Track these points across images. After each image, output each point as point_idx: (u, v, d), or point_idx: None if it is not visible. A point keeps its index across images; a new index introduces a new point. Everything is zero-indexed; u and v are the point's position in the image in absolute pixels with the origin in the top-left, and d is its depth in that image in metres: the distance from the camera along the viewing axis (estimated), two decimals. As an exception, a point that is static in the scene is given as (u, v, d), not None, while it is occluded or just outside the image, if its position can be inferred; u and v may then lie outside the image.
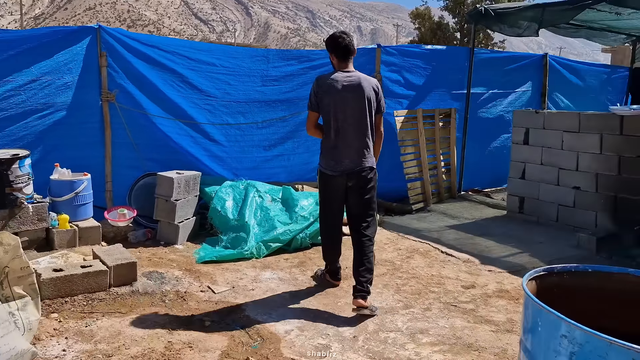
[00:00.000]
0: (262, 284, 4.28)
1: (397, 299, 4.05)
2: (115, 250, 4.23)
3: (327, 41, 3.90)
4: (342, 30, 4.07)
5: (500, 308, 3.93)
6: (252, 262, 4.79)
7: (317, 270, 4.43)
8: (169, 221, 5.15)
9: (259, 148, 6.29)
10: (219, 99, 6.00)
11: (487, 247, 5.36)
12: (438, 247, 5.32)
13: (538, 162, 6.22)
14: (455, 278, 4.52)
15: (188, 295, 4.00)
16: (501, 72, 7.92)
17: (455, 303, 4.00)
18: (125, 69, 5.49)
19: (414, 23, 43.80)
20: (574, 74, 8.64)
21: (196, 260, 4.76)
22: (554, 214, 6.07)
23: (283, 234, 5.06)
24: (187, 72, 5.81)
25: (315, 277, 4.39)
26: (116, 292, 3.90)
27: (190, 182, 5.32)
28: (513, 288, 4.31)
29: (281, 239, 5.03)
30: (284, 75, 6.35)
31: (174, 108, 5.77)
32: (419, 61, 7.06)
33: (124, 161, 5.60)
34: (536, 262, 4.94)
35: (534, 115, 6.24)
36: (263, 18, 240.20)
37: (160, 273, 4.36)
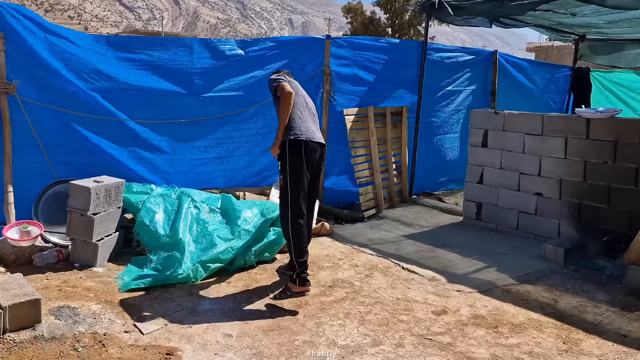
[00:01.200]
0: (201, 318, 3.56)
1: (363, 332, 3.46)
2: (12, 282, 3.36)
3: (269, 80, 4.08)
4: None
5: (479, 340, 3.43)
6: (188, 287, 4.05)
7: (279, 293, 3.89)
8: (86, 239, 4.28)
9: (194, 149, 5.50)
10: (144, 92, 5.15)
11: (451, 261, 4.89)
12: (398, 262, 4.79)
13: (497, 166, 5.84)
14: (424, 302, 3.99)
15: (108, 338, 3.22)
16: (451, 68, 7.52)
17: (430, 335, 3.46)
18: (29, 55, 4.57)
19: (346, 17, 43.76)
20: (521, 73, 8.41)
21: (119, 287, 3.95)
22: (514, 222, 5.72)
23: (224, 252, 4.33)
24: (102, 63, 4.92)
25: (282, 295, 3.85)
26: (12, 340, 3.06)
27: (111, 192, 4.47)
28: (488, 313, 3.84)
29: (222, 259, 4.31)
30: (220, 66, 5.56)
31: (89, 102, 4.88)
32: (370, 55, 6.49)
33: (28, 166, 4.66)
34: (505, 277, 4.53)
35: (494, 116, 5.84)
36: (192, 7, 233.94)
37: (72, 308, 3.53)
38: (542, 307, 3.98)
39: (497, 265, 4.79)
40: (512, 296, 4.16)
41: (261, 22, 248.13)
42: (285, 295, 3.83)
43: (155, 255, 4.38)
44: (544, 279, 4.55)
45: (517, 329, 3.61)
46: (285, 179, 3.84)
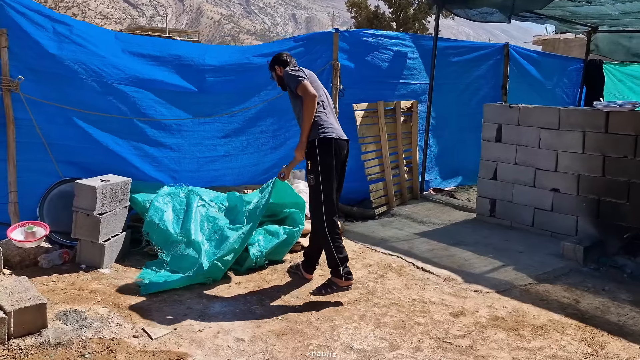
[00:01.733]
0: (211, 322, 3.44)
1: (379, 336, 3.34)
2: (17, 286, 3.25)
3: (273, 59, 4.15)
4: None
5: (501, 343, 3.30)
6: (197, 289, 3.93)
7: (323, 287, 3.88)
8: (92, 240, 4.17)
9: (202, 147, 5.37)
10: (151, 89, 5.02)
11: (466, 259, 4.76)
12: (412, 261, 4.66)
13: (512, 162, 5.69)
14: (441, 303, 3.86)
15: (116, 343, 3.11)
16: (462, 62, 7.37)
17: (449, 339, 3.34)
18: (33, 51, 4.43)
19: (350, 12, 43.49)
20: (533, 65, 8.25)
21: (140, 291, 3.83)
22: (530, 218, 5.57)
23: (237, 241, 4.18)
24: (111, 58, 4.80)
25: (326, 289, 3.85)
26: (18, 346, 2.95)
27: (118, 191, 4.36)
28: (508, 314, 3.71)
29: (236, 248, 4.15)
30: (230, 66, 5.43)
31: (95, 100, 4.75)
32: (380, 49, 6.35)
33: (32, 165, 4.54)
34: (523, 277, 4.39)
35: (508, 109, 5.69)
36: (195, 3, 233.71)
37: (79, 312, 3.42)
38: (563, 307, 3.85)
39: (514, 264, 4.66)
40: (532, 296, 4.03)
41: (265, 17, 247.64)
42: (332, 290, 3.83)
43: (167, 256, 4.27)
44: (563, 277, 4.41)
45: (539, 331, 3.48)
46: (316, 178, 3.79)
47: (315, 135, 3.81)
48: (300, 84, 3.79)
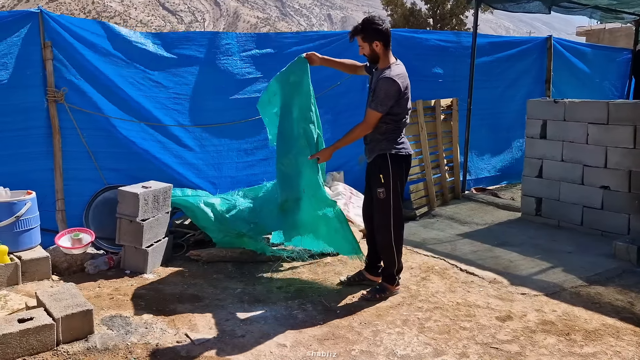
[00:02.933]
0: (253, 327, 3.44)
1: (423, 341, 3.26)
2: (65, 292, 3.33)
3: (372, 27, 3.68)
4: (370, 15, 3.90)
5: (551, 349, 3.17)
6: (238, 294, 3.94)
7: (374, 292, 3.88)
8: (136, 246, 4.25)
9: (240, 152, 5.41)
10: (189, 96, 5.08)
11: (512, 261, 4.61)
12: (455, 263, 4.55)
13: (558, 159, 5.49)
14: (486, 306, 3.75)
15: (160, 349, 3.14)
16: (503, 58, 7.18)
17: (496, 344, 3.23)
18: (76, 62, 4.57)
19: (386, 10, 43.14)
20: (579, 58, 7.95)
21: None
22: (578, 217, 5.36)
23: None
24: (150, 67, 4.88)
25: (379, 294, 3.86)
26: (66, 352, 3.02)
27: (159, 197, 4.42)
28: (558, 318, 3.57)
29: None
30: (265, 65, 5.45)
31: (136, 108, 4.86)
32: (417, 47, 6.25)
33: (78, 173, 4.67)
34: (573, 279, 4.22)
35: (553, 105, 5.50)
36: (232, 7, 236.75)
37: (124, 317, 3.48)
38: (617, 311, 3.67)
39: (563, 265, 4.49)
40: (583, 299, 3.86)
41: (300, 19, 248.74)
42: (384, 295, 3.85)
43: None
44: (616, 279, 4.22)
45: (592, 336, 3.33)
46: (387, 192, 3.78)
47: (393, 150, 3.76)
48: (379, 112, 3.65)
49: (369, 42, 3.68)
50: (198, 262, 4.57)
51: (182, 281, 4.18)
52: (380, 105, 3.67)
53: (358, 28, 3.72)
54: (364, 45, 3.71)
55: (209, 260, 4.55)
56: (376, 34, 3.65)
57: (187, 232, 4.87)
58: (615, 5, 7.19)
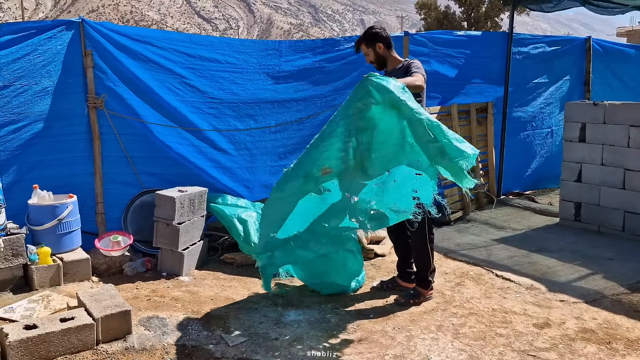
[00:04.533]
0: (286, 330, 3.45)
1: (458, 347, 3.22)
2: (104, 293, 3.42)
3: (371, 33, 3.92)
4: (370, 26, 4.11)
5: (591, 357, 3.09)
6: (272, 297, 3.97)
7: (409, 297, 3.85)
8: (172, 248, 4.33)
9: (273, 156, 5.45)
10: (225, 100, 5.17)
11: (550, 267, 4.51)
12: (491, 269, 4.48)
13: (598, 163, 5.35)
14: (523, 313, 3.67)
15: (196, 350, 3.19)
16: (540, 59, 7.03)
17: (533, 352, 3.16)
18: (115, 69, 4.68)
19: (419, 13, 42.87)
20: (620, 59, 7.72)
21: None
22: (620, 223, 5.20)
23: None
24: (187, 72, 4.98)
25: (414, 299, 3.83)
26: (105, 351, 3.10)
27: (195, 201, 4.50)
28: (598, 326, 3.47)
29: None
30: (299, 70, 5.50)
31: (173, 113, 4.95)
32: (450, 50, 6.20)
33: (117, 177, 4.79)
34: (614, 286, 4.10)
35: (592, 107, 5.36)
36: (265, 14, 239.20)
37: (161, 319, 3.55)
38: (662, 320, 3.55)
39: (604, 272, 4.36)
40: (625, 307, 3.75)
41: (333, 24, 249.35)
42: (419, 300, 3.83)
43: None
44: (659, 286, 4.08)
45: (634, 345, 3.22)
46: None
47: None
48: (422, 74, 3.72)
49: (372, 46, 3.90)
50: (232, 265, 4.63)
51: (217, 284, 4.24)
52: (420, 72, 3.72)
53: (359, 38, 3.98)
54: (369, 51, 3.94)
55: (243, 264, 4.60)
56: (376, 37, 3.90)
57: (222, 236, 4.93)
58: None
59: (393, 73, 3.86)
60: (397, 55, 3.97)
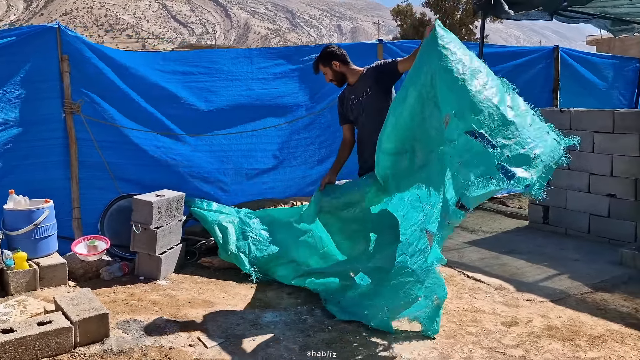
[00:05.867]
0: (263, 331, 3.52)
1: (429, 345, 3.33)
2: (82, 297, 3.44)
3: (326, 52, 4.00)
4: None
5: (556, 353, 3.23)
6: (249, 299, 4.04)
7: None
8: (149, 253, 4.36)
9: (250, 160, 5.52)
10: (200, 107, 5.23)
11: (519, 268, 4.67)
12: (463, 271, 4.62)
13: (565, 167, 5.53)
14: (492, 312, 3.81)
15: (174, 352, 3.23)
16: (509, 68, 7.25)
17: (501, 348, 3.29)
18: (92, 75, 4.71)
19: (395, 20, 43.41)
20: (586, 67, 8.01)
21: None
22: (585, 225, 5.41)
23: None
24: (163, 81, 5.04)
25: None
26: (83, 354, 3.12)
27: (172, 205, 4.54)
28: (563, 324, 3.62)
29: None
30: (274, 76, 5.59)
31: (150, 120, 5.00)
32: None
33: (94, 182, 4.81)
34: (579, 285, 4.27)
35: (559, 114, 5.57)
36: (243, 19, 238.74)
37: (139, 322, 3.58)
38: (623, 317, 3.72)
39: (570, 272, 4.54)
40: (588, 305, 3.92)
41: (310, 30, 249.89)
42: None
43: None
44: (622, 286, 4.27)
45: (596, 341, 3.38)
46: None
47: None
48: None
49: (329, 65, 3.98)
50: (210, 269, 4.68)
51: (195, 287, 4.29)
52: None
53: (316, 59, 4.05)
54: (326, 70, 4.02)
55: (220, 267, 4.65)
56: (331, 55, 3.98)
57: (199, 240, 4.98)
58: (622, 16, 7.23)
59: (359, 82, 3.96)
60: (355, 67, 4.03)
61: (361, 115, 3.98)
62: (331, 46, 4.12)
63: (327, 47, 4.09)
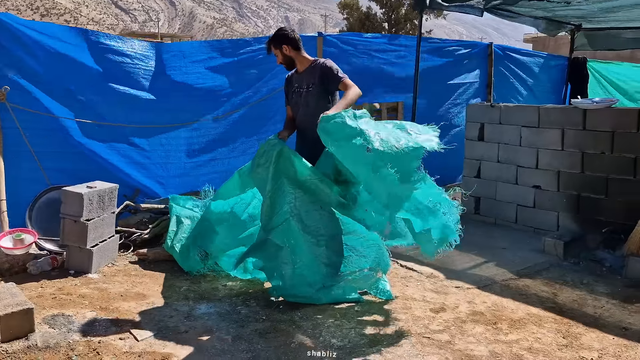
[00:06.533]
0: (197, 323, 3.52)
1: (359, 332, 3.42)
2: (5, 292, 3.32)
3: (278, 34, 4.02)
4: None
5: (478, 337, 3.39)
6: (183, 292, 4.01)
7: None
8: (80, 246, 4.25)
9: (188, 152, 5.46)
10: (137, 97, 5.12)
11: (449, 257, 4.81)
12: (396, 260, 4.76)
13: (494, 160, 5.80)
14: (422, 299, 3.95)
15: (103, 346, 3.18)
16: (449, 62, 7.47)
17: (428, 334, 3.42)
18: (19, 61, 4.52)
19: (342, 13, 43.70)
20: (518, 64, 8.35)
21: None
22: (513, 215, 5.68)
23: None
24: (98, 66, 4.88)
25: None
26: (5, 351, 3.02)
27: (105, 197, 4.43)
28: (487, 309, 3.81)
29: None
30: (211, 69, 5.53)
31: (82, 108, 4.85)
32: (361, 52, 6.45)
33: (21, 173, 4.63)
34: (504, 272, 4.50)
35: (490, 109, 5.80)
36: (188, 7, 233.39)
37: (67, 316, 3.49)
38: (542, 301, 3.95)
39: (497, 260, 4.76)
40: (512, 291, 4.13)
41: (257, 20, 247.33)
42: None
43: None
44: (543, 272, 4.52)
45: (517, 324, 3.57)
46: None
47: None
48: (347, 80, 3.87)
49: (279, 48, 4.00)
50: (145, 262, 4.61)
51: (128, 280, 4.22)
52: (342, 73, 3.91)
53: (269, 39, 4.07)
54: (277, 52, 4.03)
55: (155, 259, 4.59)
56: (283, 38, 3.99)
57: (135, 232, 4.89)
58: (550, 16, 7.58)
59: (305, 73, 4.00)
60: (307, 55, 4.08)
61: (300, 107, 4.03)
62: (285, 28, 4.10)
63: (281, 29, 4.08)
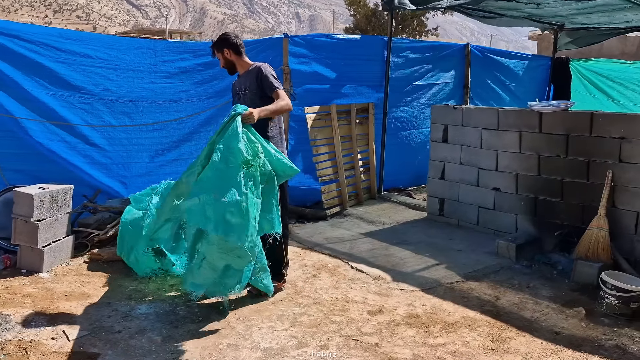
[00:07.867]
0: (132, 323, 3.58)
1: (291, 334, 3.47)
2: (-57, 291, 3.41)
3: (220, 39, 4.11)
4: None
5: (407, 340, 3.43)
6: (129, 292, 4.08)
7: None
8: (31, 245, 4.33)
9: (151, 153, 5.52)
10: (98, 96, 5.18)
11: (402, 259, 4.88)
12: (348, 261, 4.79)
13: (457, 162, 5.80)
14: (363, 302, 3.99)
15: (33, 345, 3.26)
16: (421, 63, 7.47)
17: (358, 336, 3.46)
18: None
19: (349, 10, 43.55)
20: (498, 65, 8.33)
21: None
22: (475, 217, 5.68)
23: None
24: (57, 66, 4.95)
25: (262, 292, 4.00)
26: (-64, 349, 3.11)
27: (58, 198, 4.51)
28: (425, 312, 3.83)
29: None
30: (179, 70, 5.60)
31: (42, 108, 4.92)
32: (331, 52, 6.47)
33: (-23, 174, 4.71)
34: (452, 275, 4.51)
35: (452, 111, 5.80)
36: (199, 4, 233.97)
37: (5, 315, 3.58)
38: (482, 304, 3.96)
39: (448, 262, 4.78)
40: (454, 294, 4.15)
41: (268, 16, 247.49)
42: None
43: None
44: (492, 275, 4.53)
45: (449, 328, 3.60)
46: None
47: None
48: (282, 87, 3.97)
49: (221, 51, 4.09)
50: (99, 262, 4.68)
51: (77, 280, 4.29)
52: (278, 82, 3.98)
53: (212, 43, 4.16)
54: (219, 56, 4.13)
55: (109, 260, 4.66)
56: (224, 43, 4.08)
57: (92, 232, 4.96)
58: (528, 16, 7.54)
59: (243, 76, 4.08)
60: (247, 60, 4.14)
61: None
62: (227, 33, 4.17)
63: (224, 34, 4.17)
